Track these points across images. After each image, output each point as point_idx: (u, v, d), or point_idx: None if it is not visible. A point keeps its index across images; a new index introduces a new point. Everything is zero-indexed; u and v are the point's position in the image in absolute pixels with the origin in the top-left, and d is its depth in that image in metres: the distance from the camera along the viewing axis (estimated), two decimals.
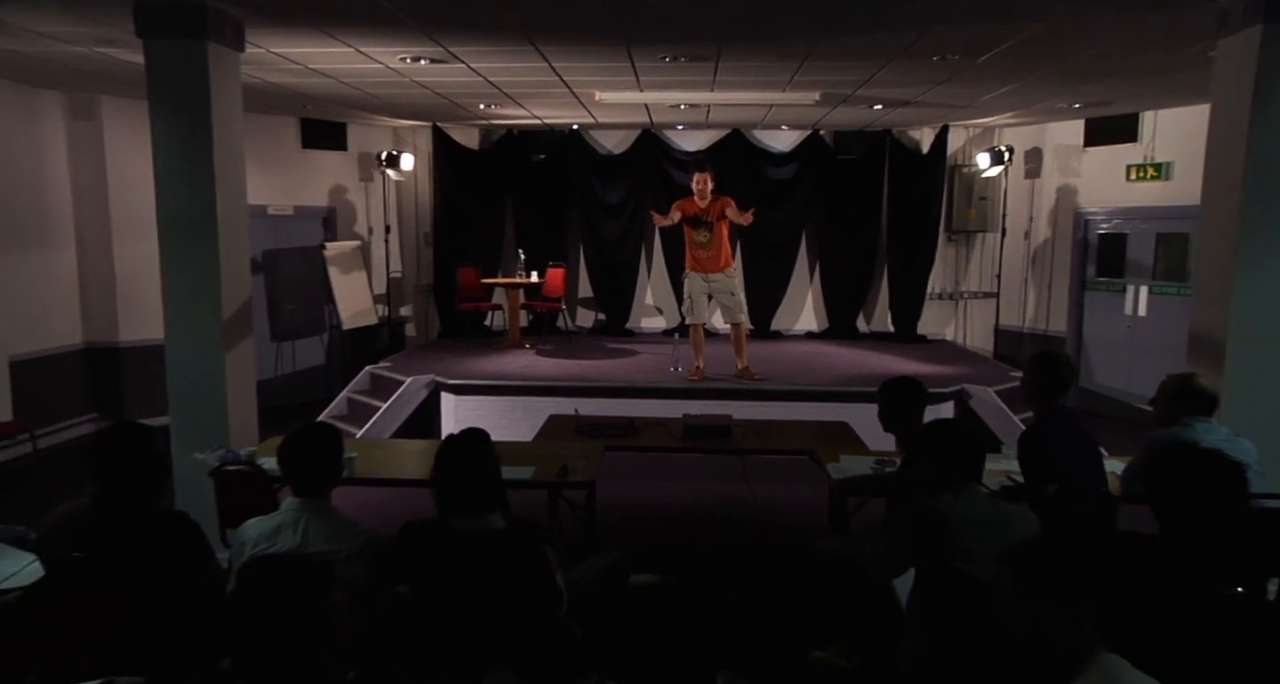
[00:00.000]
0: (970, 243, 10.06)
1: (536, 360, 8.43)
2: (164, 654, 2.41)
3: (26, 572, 2.88)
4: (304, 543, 2.67)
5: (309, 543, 2.67)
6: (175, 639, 2.48)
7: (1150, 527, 2.61)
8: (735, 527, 5.43)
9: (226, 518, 3.97)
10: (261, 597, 1.75)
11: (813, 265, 10.33)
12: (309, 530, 2.69)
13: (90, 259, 7.62)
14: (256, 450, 4.39)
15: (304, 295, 9.21)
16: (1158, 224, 8.24)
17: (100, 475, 2.67)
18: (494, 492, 2.77)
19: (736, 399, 6.99)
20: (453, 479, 2.70)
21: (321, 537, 2.67)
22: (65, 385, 7.48)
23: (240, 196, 5.11)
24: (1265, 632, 2.26)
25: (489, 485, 2.74)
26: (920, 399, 3.82)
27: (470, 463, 2.72)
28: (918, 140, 9.97)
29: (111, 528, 2.60)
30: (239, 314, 5.06)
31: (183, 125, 4.74)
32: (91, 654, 2.41)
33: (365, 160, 9.70)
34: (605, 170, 10.22)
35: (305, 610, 1.75)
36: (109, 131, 7.49)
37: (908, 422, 3.74)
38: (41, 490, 6.02)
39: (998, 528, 2.68)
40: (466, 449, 2.76)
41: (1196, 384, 3.68)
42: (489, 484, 2.74)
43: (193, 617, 2.53)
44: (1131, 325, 8.48)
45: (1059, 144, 9.18)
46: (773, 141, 10.15)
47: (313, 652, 1.75)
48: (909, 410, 3.77)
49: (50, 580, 2.57)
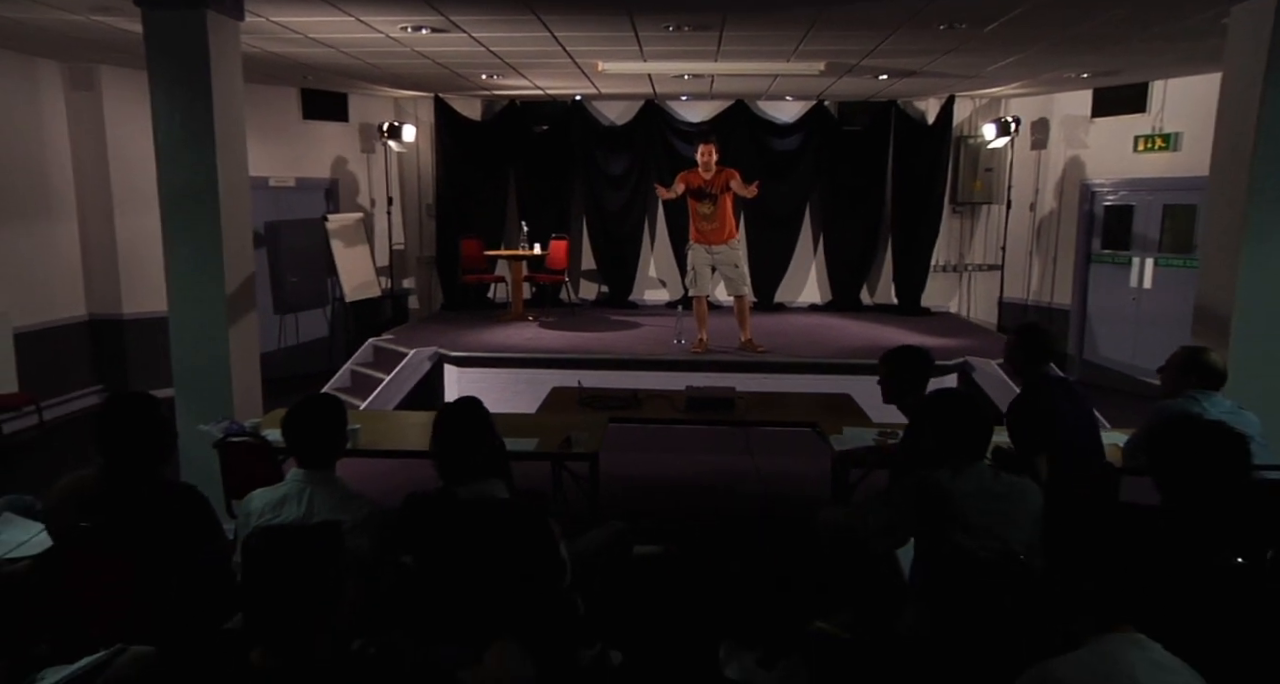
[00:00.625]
0: (975, 215, 10.00)
1: (540, 332, 8.43)
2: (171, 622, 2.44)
3: (35, 541, 2.91)
4: (309, 514, 2.69)
5: (314, 514, 2.68)
6: (182, 607, 2.51)
7: (1152, 499, 2.62)
8: (738, 498, 5.46)
9: (232, 489, 3.99)
10: (273, 563, 1.76)
11: (816, 237, 10.29)
12: (314, 501, 2.71)
13: (92, 231, 7.61)
14: (261, 422, 4.40)
15: (307, 268, 9.19)
16: (1165, 195, 8.17)
17: (106, 445, 2.68)
18: (494, 458, 2.78)
19: (739, 371, 7.00)
20: (452, 447, 2.71)
21: (326, 507, 2.69)
22: (70, 357, 7.49)
23: (242, 168, 5.08)
24: (1263, 601, 2.28)
25: (488, 452, 2.75)
26: (925, 369, 3.79)
27: (467, 430, 2.74)
28: (923, 111, 9.88)
29: (118, 498, 2.61)
30: (242, 286, 5.06)
31: (183, 95, 4.71)
32: (100, 622, 2.44)
33: (367, 131, 9.64)
34: (608, 141, 10.15)
35: (315, 576, 1.77)
36: (108, 102, 7.44)
37: (912, 393, 3.72)
38: (48, 461, 6.06)
39: (998, 500, 2.69)
40: (463, 417, 2.78)
41: (1205, 358, 3.66)
42: (488, 450, 2.75)
43: (199, 586, 2.56)
44: (1136, 298, 8.45)
45: (1066, 114, 9.08)
46: (777, 112, 10.06)
47: (322, 617, 1.77)
48: (913, 381, 3.75)
49: (58, 550, 2.59)
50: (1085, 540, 1.79)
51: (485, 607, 2.44)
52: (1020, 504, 2.70)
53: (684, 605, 3.81)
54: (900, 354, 3.82)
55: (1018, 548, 2.63)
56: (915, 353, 3.82)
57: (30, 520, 3.09)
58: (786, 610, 3.61)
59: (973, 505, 2.65)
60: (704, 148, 7.18)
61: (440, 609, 2.49)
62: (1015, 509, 2.69)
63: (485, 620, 2.42)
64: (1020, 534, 2.66)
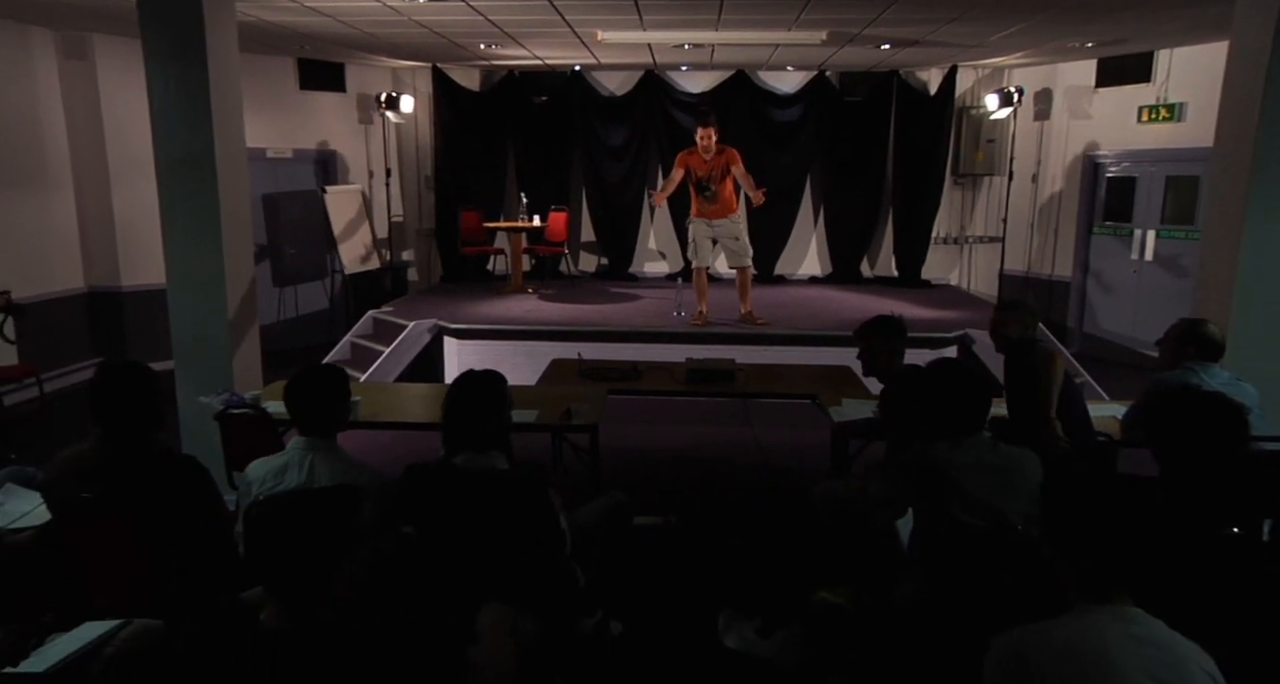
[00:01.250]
0: (976, 186, 9.95)
1: (539, 304, 8.42)
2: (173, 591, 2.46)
3: (38, 512, 2.92)
4: (309, 481, 2.70)
5: (315, 481, 2.70)
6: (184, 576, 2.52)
7: (1150, 471, 2.63)
8: (737, 470, 5.48)
9: (233, 461, 4.00)
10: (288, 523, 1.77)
11: (817, 209, 10.24)
12: (314, 469, 2.72)
13: (89, 202, 7.56)
14: (261, 394, 4.41)
15: (305, 240, 9.16)
16: (1168, 167, 8.12)
17: (100, 414, 2.69)
18: (501, 433, 2.78)
19: (739, 343, 7.00)
20: (464, 416, 2.71)
21: (327, 475, 2.70)
22: (69, 330, 7.49)
23: (238, 138, 5.04)
24: (1259, 571, 2.30)
25: (498, 426, 2.75)
26: (898, 338, 3.78)
27: (483, 402, 2.73)
28: (925, 81, 9.79)
29: (116, 467, 2.62)
30: (241, 258, 5.04)
31: (177, 64, 4.66)
32: (103, 590, 2.46)
33: (364, 102, 9.55)
34: (608, 112, 10.06)
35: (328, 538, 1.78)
36: (103, 71, 7.36)
37: (889, 363, 3.72)
38: (49, 433, 6.08)
39: (996, 472, 2.69)
40: (482, 388, 2.77)
41: (1204, 330, 3.66)
42: (498, 425, 2.75)
43: (200, 554, 2.57)
44: (1137, 270, 8.43)
45: (1070, 85, 9.00)
46: (778, 83, 9.97)
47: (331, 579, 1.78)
48: (888, 350, 3.74)
49: (60, 520, 2.61)
50: (1083, 512, 1.78)
51: (484, 577, 2.46)
52: (1018, 475, 2.71)
53: (684, 576, 3.84)
54: (873, 324, 3.82)
55: (1015, 518, 2.64)
56: (887, 322, 3.82)
57: (32, 491, 3.10)
58: (785, 581, 3.64)
59: (971, 477, 2.66)
60: (703, 131, 6.99)
61: (441, 577, 2.51)
62: (1013, 480, 2.70)
63: (486, 589, 2.44)
64: (1019, 504, 2.67)
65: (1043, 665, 1.64)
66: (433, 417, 3.52)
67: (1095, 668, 1.61)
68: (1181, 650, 1.66)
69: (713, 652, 3.19)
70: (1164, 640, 1.67)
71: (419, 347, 7.39)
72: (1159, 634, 1.68)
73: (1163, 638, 1.67)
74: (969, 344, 7.11)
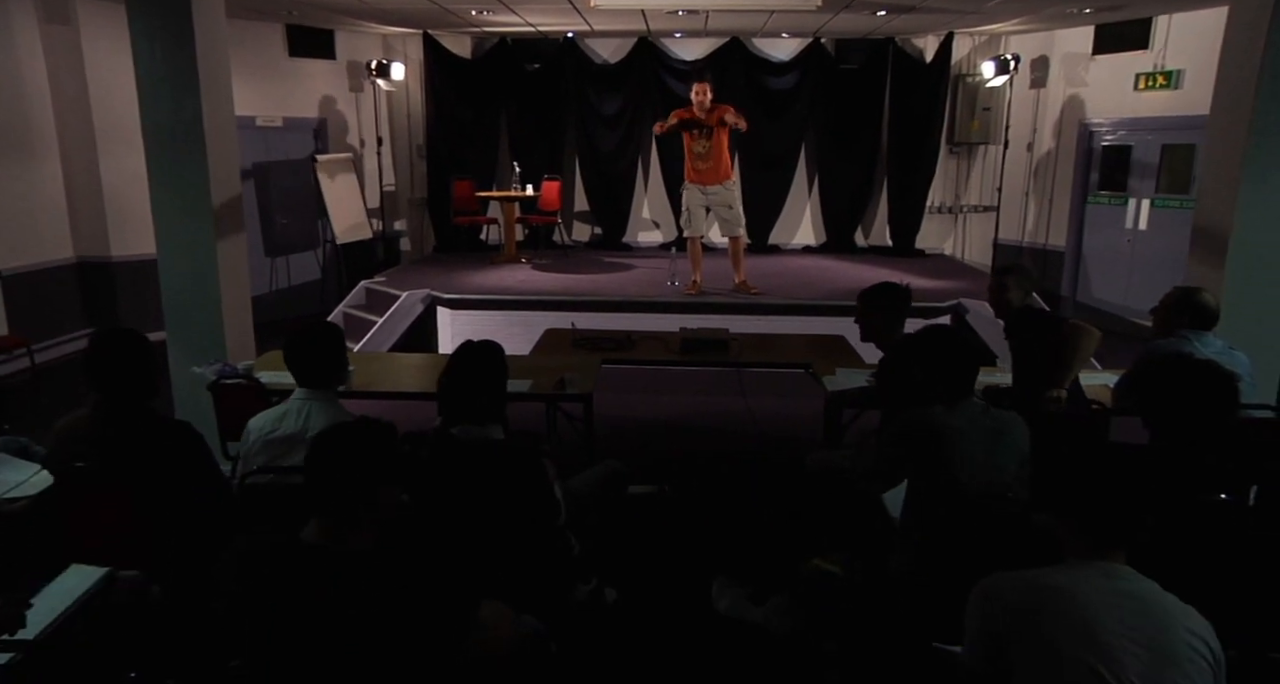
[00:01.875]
0: (972, 155, 9.90)
1: (533, 274, 8.39)
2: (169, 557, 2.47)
3: (31, 481, 2.92)
4: (304, 428, 2.77)
5: (309, 428, 2.75)
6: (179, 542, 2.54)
7: (1141, 439, 2.65)
8: (731, 439, 5.50)
9: (226, 431, 4.00)
10: (338, 446, 1.93)
11: (811, 178, 10.19)
12: (310, 417, 2.79)
13: (76, 171, 7.47)
14: (254, 364, 4.39)
15: (296, 209, 9.09)
16: (1164, 135, 8.09)
17: (97, 381, 2.72)
18: (497, 404, 2.79)
19: (733, 313, 6.99)
20: (463, 387, 2.71)
21: (321, 423, 2.75)
22: (60, 300, 7.44)
23: (227, 106, 4.97)
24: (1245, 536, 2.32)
25: (494, 397, 2.75)
26: (902, 306, 3.74)
27: (483, 373, 2.73)
28: (921, 49, 9.70)
29: (113, 433, 2.63)
30: (231, 227, 5.00)
31: (163, 29, 4.58)
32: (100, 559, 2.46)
33: (355, 69, 9.43)
34: (601, 80, 9.96)
35: (372, 464, 1.93)
36: (86, 37, 7.23)
37: (889, 331, 3.70)
38: (40, 404, 6.07)
39: (990, 434, 2.71)
40: (480, 359, 2.76)
41: (1199, 298, 3.65)
42: (494, 396, 2.75)
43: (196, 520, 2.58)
44: (1132, 239, 8.42)
45: (1067, 52, 8.92)
46: (773, 50, 9.87)
47: (370, 505, 1.91)
48: (890, 318, 3.71)
49: (58, 488, 2.61)
50: (1077, 470, 1.80)
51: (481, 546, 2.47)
52: (1009, 437, 2.73)
53: (677, 544, 3.86)
54: (877, 291, 3.79)
55: (1007, 479, 2.67)
56: (892, 289, 3.80)
57: (25, 461, 3.10)
58: (778, 549, 3.67)
59: (966, 439, 2.68)
60: (698, 86, 7.07)
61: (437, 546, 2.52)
62: (1005, 443, 2.72)
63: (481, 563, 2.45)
64: (1010, 466, 2.69)
65: (1018, 605, 1.69)
66: (426, 387, 3.52)
67: (1068, 614, 1.64)
68: (1168, 609, 1.67)
69: (706, 618, 3.23)
70: (1149, 597, 1.68)
71: (412, 317, 7.37)
72: (1145, 590, 1.69)
73: (1148, 594, 1.69)
74: (963, 313, 7.12)
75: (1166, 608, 1.67)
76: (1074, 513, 1.77)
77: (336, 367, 2.93)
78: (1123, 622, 1.63)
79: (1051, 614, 1.65)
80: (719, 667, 3.01)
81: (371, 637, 1.77)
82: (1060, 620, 1.64)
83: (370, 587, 1.81)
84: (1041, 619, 1.65)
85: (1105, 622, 1.62)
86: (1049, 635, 1.63)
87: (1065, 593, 1.67)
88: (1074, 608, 1.64)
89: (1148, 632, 1.62)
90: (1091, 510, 1.75)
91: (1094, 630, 1.61)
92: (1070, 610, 1.64)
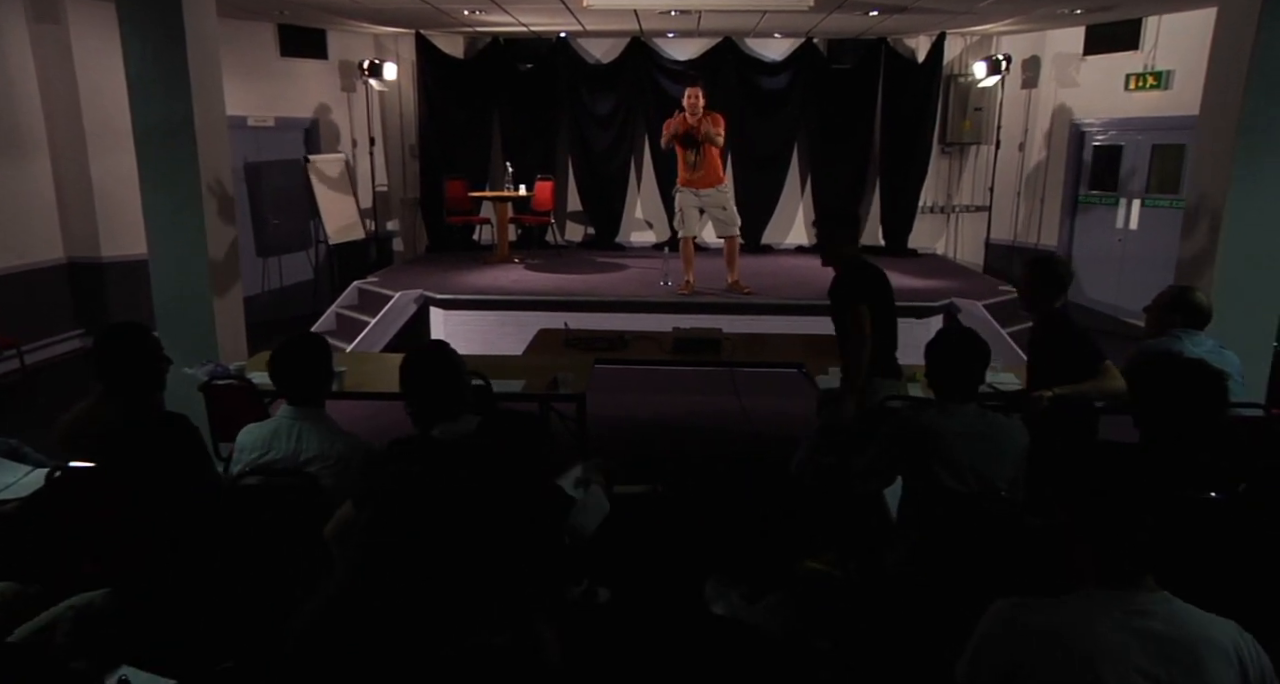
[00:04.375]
0: (964, 155, 9.92)
1: (525, 274, 8.38)
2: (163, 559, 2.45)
3: (22, 483, 2.91)
4: (298, 449, 2.72)
5: (303, 449, 2.71)
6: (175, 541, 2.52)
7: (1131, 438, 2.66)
8: (724, 438, 5.51)
9: (218, 432, 3.99)
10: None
11: (804, 178, 10.20)
12: (303, 437, 2.74)
13: (66, 171, 7.43)
14: (246, 365, 4.38)
15: (289, 210, 9.06)
16: (1154, 135, 8.12)
17: (107, 375, 2.79)
18: (462, 398, 2.78)
19: (726, 313, 7.00)
20: (423, 394, 2.71)
21: (315, 443, 2.71)
22: (50, 301, 7.40)
23: (218, 105, 4.96)
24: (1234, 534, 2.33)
25: (460, 391, 2.75)
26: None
27: (440, 375, 2.73)
28: (913, 49, 9.72)
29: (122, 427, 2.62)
30: (223, 227, 4.98)
31: (154, 29, 4.56)
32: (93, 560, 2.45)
33: (347, 69, 9.41)
34: (594, 80, 9.96)
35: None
36: (76, 36, 7.19)
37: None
38: (31, 405, 6.03)
39: (983, 440, 2.71)
40: (430, 364, 2.76)
41: (1192, 297, 3.66)
42: (460, 390, 2.75)
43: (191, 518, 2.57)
44: (1122, 238, 8.46)
45: (1058, 52, 8.96)
46: (765, 50, 9.88)
47: None
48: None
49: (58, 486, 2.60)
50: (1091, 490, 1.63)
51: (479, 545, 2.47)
52: (1005, 443, 2.73)
53: (671, 543, 3.86)
54: (827, 214, 4.09)
55: (1000, 485, 2.67)
56: (839, 213, 3.97)
57: (15, 462, 3.08)
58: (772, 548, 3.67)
59: (958, 443, 2.68)
60: (691, 91, 7.07)
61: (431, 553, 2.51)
62: (1000, 448, 2.72)
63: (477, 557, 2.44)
64: (1004, 471, 2.70)
65: (1028, 640, 1.57)
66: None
67: (1078, 654, 1.51)
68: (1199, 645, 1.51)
69: (700, 618, 3.23)
70: (1175, 636, 1.52)
71: (405, 317, 7.35)
72: (1168, 628, 1.53)
73: (1173, 633, 1.52)
74: (954, 313, 7.13)
75: (1201, 647, 1.51)
76: (1097, 534, 1.57)
77: (323, 381, 2.89)
78: (1138, 666, 1.49)
79: (1064, 657, 1.52)
80: (713, 667, 3.01)
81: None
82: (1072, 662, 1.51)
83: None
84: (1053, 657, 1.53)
85: (1117, 665, 1.49)
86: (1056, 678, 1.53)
87: (1079, 632, 1.52)
88: (1088, 649, 1.51)
89: (1174, 677, 1.49)
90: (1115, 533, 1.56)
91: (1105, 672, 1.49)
92: (1083, 651, 1.51)
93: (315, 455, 2.69)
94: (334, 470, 2.68)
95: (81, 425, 2.77)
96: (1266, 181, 4.48)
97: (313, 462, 2.69)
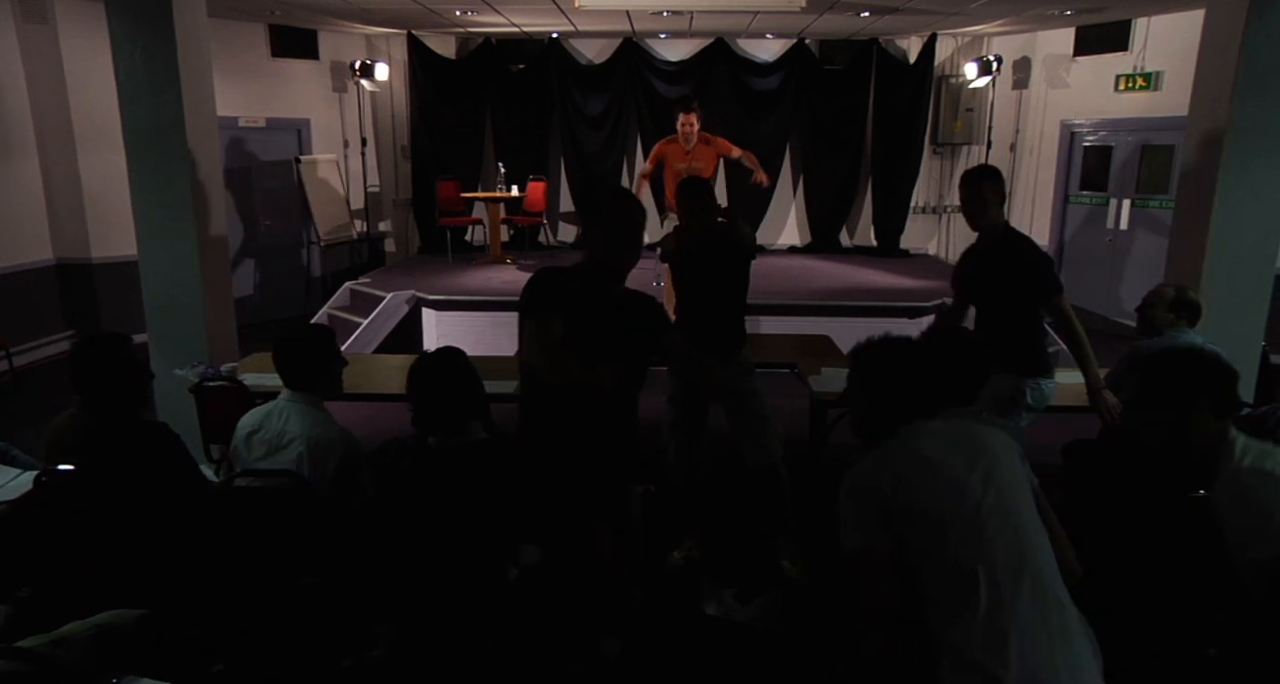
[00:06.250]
0: (955, 156, 9.95)
1: (518, 275, 8.37)
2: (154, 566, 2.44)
3: (11, 486, 2.89)
4: (284, 429, 2.78)
5: (288, 430, 2.77)
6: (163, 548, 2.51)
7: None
8: (717, 438, 5.49)
9: (209, 433, 3.98)
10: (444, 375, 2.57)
11: (796, 178, 10.22)
12: (291, 418, 2.79)
13: (55, 171, 7.39)
14: (237, 366, 4.37)
15: (280, 210, 9.04)
16: (1144, 136, 8.17)
17: (81, 387, 2.73)
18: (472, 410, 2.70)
19: None
20: (430, 400, 2.64)
21: (300, 425, 2.77)
22: (39, 302, 7.36)
23: (209, 106, 4.94)
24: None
25: (468, 404, 2.67)
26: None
27: (448, 384, 2.64)
28: (905, 50, 9.74)
29: (96, 439, 2.61)
30: (213, 228, 4.96)
31: (144, 29, 4.54)
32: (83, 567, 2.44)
33: (338, 70, 9.38)
34: (586, 81, 9.95)
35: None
36: (64, 36, 7.15)
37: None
38: (19, 407, 6.00)
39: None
40: (443, 371, 2.64)
41: (1193, 296, 3.77)
42: (468, 403, 2.66)
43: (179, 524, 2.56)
44: (1113, 238, 8.49)
45: (1048, 53, 8.99)
46: (757, 51, 9.89)
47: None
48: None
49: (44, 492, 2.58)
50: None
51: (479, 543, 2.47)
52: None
53: (663, 543, 3.86)
54: (980, 170, 3.68)
55: None
56: (993, 167, 3.68)
57: (3, 465, 3.07)
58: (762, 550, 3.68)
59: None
60: (684, 118, 6.20)
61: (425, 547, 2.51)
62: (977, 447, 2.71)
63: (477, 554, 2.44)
64: None
65: (883, 474, 1.91)
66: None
67: (919, 461, 1.91)
68: (981, 434, 1.99)
69: (693, 618, 3.23)
70: (962, 436, 1.99)
71: (397, 318, 7.34)
72: (960, 433, 2.01)
73: (961, 436, 1.99)
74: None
75: (982, 435, 1.99)
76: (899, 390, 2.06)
77: (323, 370, 2.88)
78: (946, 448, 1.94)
79: (916, 469, 1.90)
80: (706, 666, 3.01)
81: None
82: (917, 477, 1.89)
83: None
84: (911, 474, 1.89)
85: (936, 453, 1.92)
86: (916, 490, 1.88)
87: (914, 451, 1.94)
88: (923, 459, 1.91)
89: (968, 448, 1.94)
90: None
91: (940, 471, 1.88)
92: (922, 465, 1.91)
93: (297, 436, 2.75)
94: (312, 455, 2.73)
95: (59, 434, 2.76)
96: (1255, 181, 4.50)
97: (294, 443, 2.75)
